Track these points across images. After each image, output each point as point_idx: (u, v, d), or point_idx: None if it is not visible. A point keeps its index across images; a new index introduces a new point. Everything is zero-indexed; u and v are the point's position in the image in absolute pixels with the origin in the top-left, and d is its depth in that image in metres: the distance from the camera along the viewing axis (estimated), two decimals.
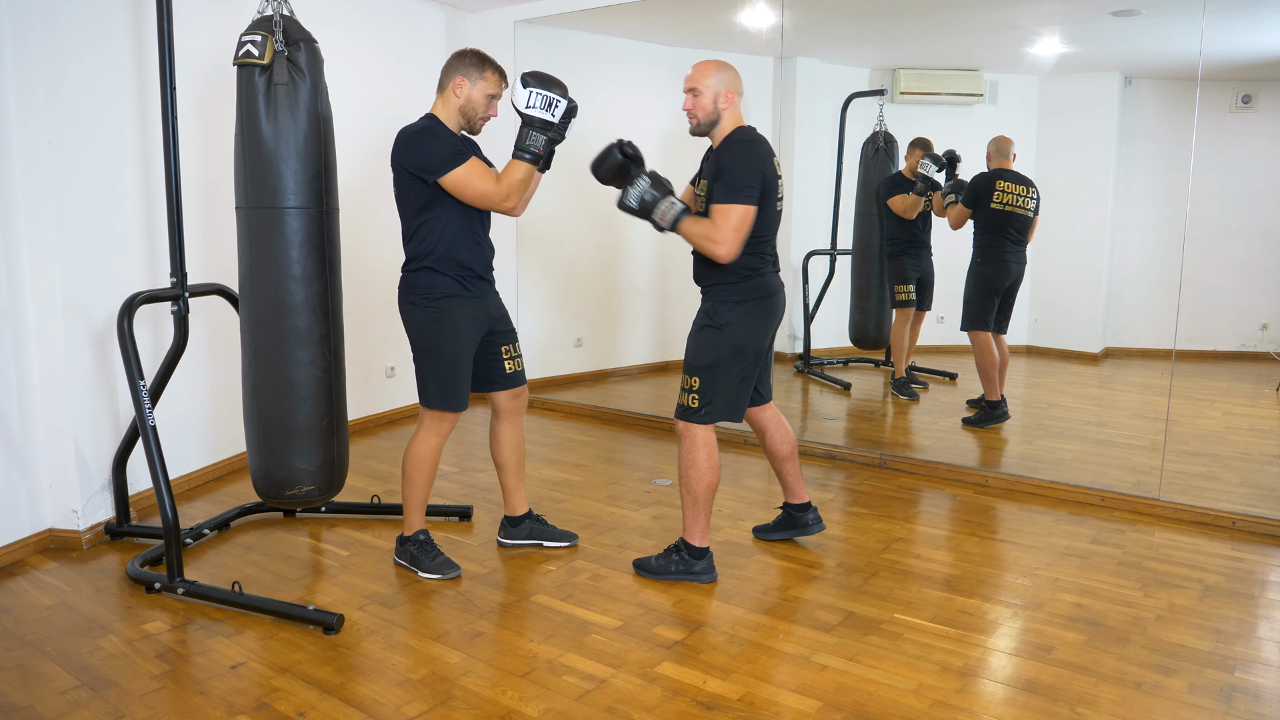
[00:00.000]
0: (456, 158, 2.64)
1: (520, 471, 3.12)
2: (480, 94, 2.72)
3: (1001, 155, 4.43)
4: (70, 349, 3.08)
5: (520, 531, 3.15)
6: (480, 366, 2.94)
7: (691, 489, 2.80)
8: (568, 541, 3.16)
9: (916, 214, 4.79)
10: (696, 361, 2.76)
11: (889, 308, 5.04)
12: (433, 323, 2.76)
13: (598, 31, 5.43)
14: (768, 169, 2.66)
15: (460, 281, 2.77)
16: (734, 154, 2.65)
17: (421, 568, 2.90)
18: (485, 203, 2.69)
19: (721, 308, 2.74)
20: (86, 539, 3.14)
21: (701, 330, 2.78)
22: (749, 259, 2.72)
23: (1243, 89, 4.51)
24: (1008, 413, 4.48)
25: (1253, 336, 4.78)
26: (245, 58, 2.40)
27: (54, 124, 2.96)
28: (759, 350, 2.80)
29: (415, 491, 2.90)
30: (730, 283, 2.73)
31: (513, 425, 3.06)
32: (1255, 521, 3.31)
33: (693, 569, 2.85)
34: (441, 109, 2.73)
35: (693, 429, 2.78)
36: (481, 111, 2.74)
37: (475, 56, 2.73)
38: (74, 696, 2.19)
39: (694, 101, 2.71)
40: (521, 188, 2.67)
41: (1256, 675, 2.30)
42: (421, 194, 2.68)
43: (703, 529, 2.84)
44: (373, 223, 4.59)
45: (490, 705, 2.15)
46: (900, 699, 2.18)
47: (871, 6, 4.89)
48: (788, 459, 3.08)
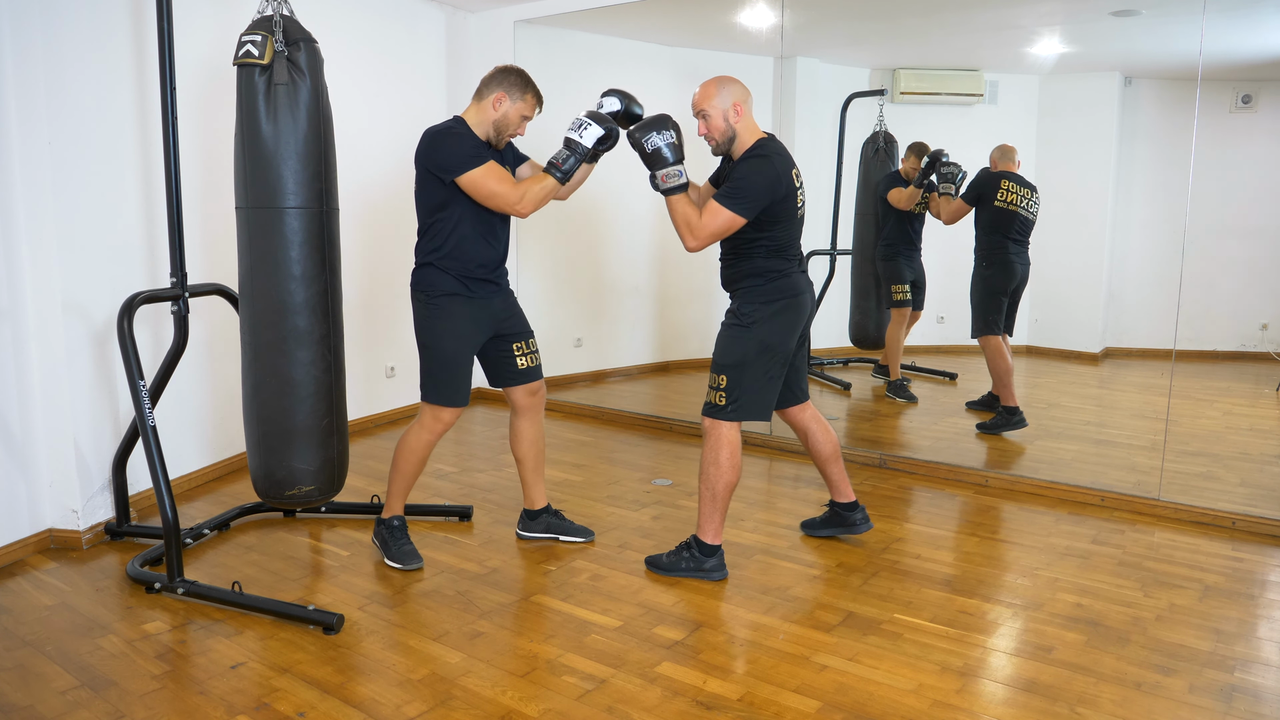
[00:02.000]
0: (475, 159, 2.69)
1: (539, 466, 3.17)
2: (516, 114, 2.79)
3: (1007, 161, 4.41)
4: (70, 349, 3.08)
5: (538, 525, 3.21)
6: (493, 364, 3.03)
7: (711, 485, 2.82)
8: (584, 537, 3.19)
9: (914, 206, 4.78)
10: (724, 360, 2.79)
11: (887, 308, 5.04)
12: (432, 319, 2.83)
13: (598, 31, 5.43)
14: (781, 184, 2.67)
15: (462, 281, 2.82)
16: (751, 166, 2.68)
17: (388, 554, 2.99)
18: (498, 204, 2.73)
19: (749, 307, 2.77)
20: (86, 539, 3.14)
21: (730, 329, 2.81)
22: (776, 261, 2.76)
23: (1243, 89, 4.50)
24: (1025, 420, 4.38)
25: (1253, 336, 4.78)
26: (245, 58, 2.40)
27: (54, 124, 2.96)
28: (786, 350, 2.82)
29: (400, 480, 2.99)
30: (758, 284, 2.77)
31: (531, 421, 3.11)
32: (1255, 521, 3.31)
33: (703, 566, 2.86)
34: (474, 115, 2.80)
35: (718, 426, 2.80)
36: (512, 129, 2.82)
37: (520, 77, 2.80)
38: (74, 696, 2.19)
39: (706, 125, 2.77)
40: (539, 195, 2.73)
41: (1256, 675, 2.30)
42: (438, 193, 2.75)
43: (717, 527, 2.86)
44: (373, 222, 4.60)
45: (490, 705, 2.15)
46: (900, 699, 2.18)
47: (871, 6, 4.89)
48: (831, 459, 3.10)
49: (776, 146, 2.74)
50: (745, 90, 2.76)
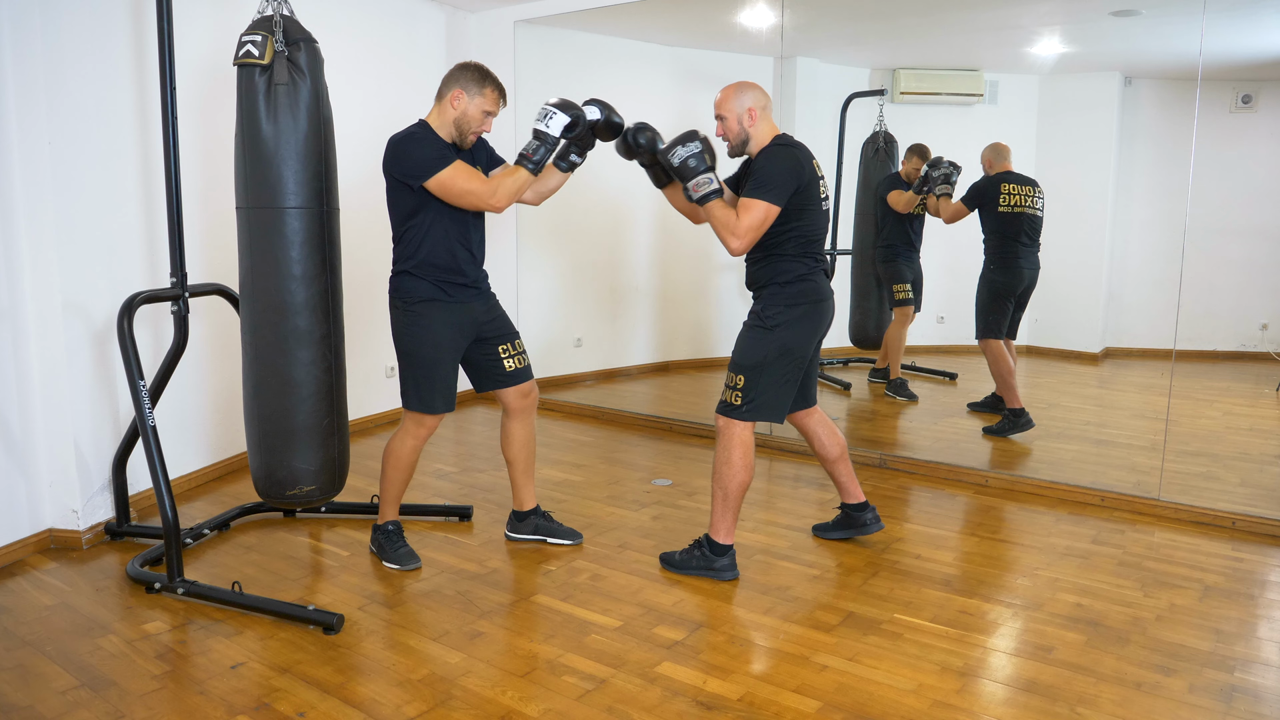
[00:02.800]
0: (441, 161, 2.67)
1: (529, 468, 3.17)
2: (477, 109, 2.75)
3: (1001, 160, 4.39)
4: (70, 349, 3.08)
5: (525, 526, 3.20)
6: (480, 368, 3.01)
7: (723, 485, 2.83)
8: (572, 540, 3.17)
9: (912, 210, 4.78)
10: (744, 360, 2.79)
11: (888, 308, 5.04)
12: (411, 326, 2.82)
13: (598, 31, 5.43)
14: (803, 170, 2.70)
15: (440, 287, 2.80)
16: (769, 156, 2.72)
17: (385, 557, 2.99)
18: (470, 201, 2.71)
19: (772, 309, 2.78)
20: (86, 539, 3.14)
21: (751, 330, 2.82)
22: (801, 262, 2.78)
23: (1243, 89, 4.50)
24: (1031, 421, 4.36)
25: (1253, 336, 4.78)
26: (245, 58, 2.40)
27: (54, 124, 2.96)
28: (805, 354, 2.83)
29: (390, 486, 3.00)
30: (783, 285, 2.78)
31: (522, 423, 3.10)
32: (1255, 521, 3.31)
33: (714, 565, 2.87)
34: (436, 117, 2.77)
35: (732, 425, 2.80)
36: (475, 126, 2.77)
37: (477, 72, 2.75)
38: (74, 696, 2.19)
39: (723, 127, 2.81)
40: (512, 188, 2.71)
41: (1256, 675, 2.30)
42: (409, 200, 2.73)
43: (729, 526, 2.86)
44: (373, 223, 4.58)
45: (490, 705, 2.15)
46: (900, 699, 2.18)
47: (871, 6, 4.89)
48: (838, 460, 3.10)
49: (794, 141, 2.79)
50: (764, 95, 2.81)
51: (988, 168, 4.43)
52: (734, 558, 2.89)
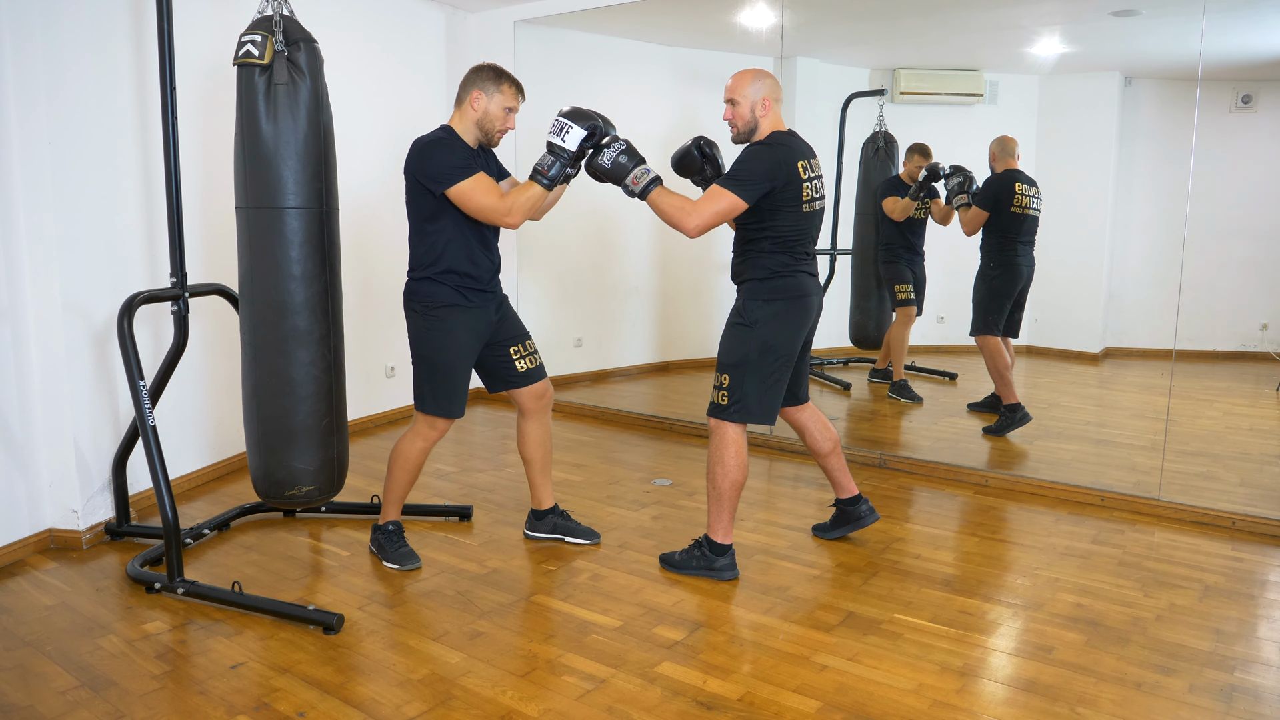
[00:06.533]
0: (464, 170, 2.67)
1: (546, 467, 3.17)
2: (497, 107, 2.75)
3: (1008, 155, 4.35)
4: (70, 349, 3.08)
5: (544, 525, 3.21)
6: (492, 370, 3.02)
7: (717, 485, 2.83)
8: (590, 540, 3.18)
9: (905, 218, 4.77)
10: (727, 358, 2.79)
11: (889, 309, 5.04)
12: (430, 331, 2.81)
13: (598, 31, 5.43)
14: (781, 171, 2.65)
15: (460, 292, 2.80)
16: (754, 152, 2.70)
17: (385, 557, 2.99)
18: (486, 216, 2.71)
19: (751, 305, 2.76)
20: (86, 539, 3.14)
21: (733, 328, 2.81)
22: (782, 257, 2.74)
23: (1243, 89, 4.51)
24: (1029, 415, 4.35)
25: (1253, 336, 4.78)
26: (245, 58, 2.40)
27: (54, 124, 2.96)
28: (790, 352, 2.80)
29: (395, 487, 3.00)
30: (761, 280, 2.75)
31: (538, 423, 3.11)
32: (1255, 521, 3.31)
33: (713, 565, 2.87)
34: (459, 121, 2.78)
35: (723, 426, 2.80)
36: (499, 124, 2.78)
37: (492, 70, 2.77)
38: (74, 696, 2.19)
39: (733, 111, 2.77)
40: (527, 205, 2.68)
41: (1256, 675, 2.30)
42: (429, 204, 2.73)
43: (726, 526, 2.86)
44: (373, 223, 4.60)
45: (490, 705, 2.15)
46: (900, 699, 2.18)
47: (871, 6, 4.89)
48: (830, 454, 3.10)
49: (786, 139, 2.73)
50: (778, 87, 2.78)
51: (994, 162, 4.41)
52: (734, 557, 2.89)
